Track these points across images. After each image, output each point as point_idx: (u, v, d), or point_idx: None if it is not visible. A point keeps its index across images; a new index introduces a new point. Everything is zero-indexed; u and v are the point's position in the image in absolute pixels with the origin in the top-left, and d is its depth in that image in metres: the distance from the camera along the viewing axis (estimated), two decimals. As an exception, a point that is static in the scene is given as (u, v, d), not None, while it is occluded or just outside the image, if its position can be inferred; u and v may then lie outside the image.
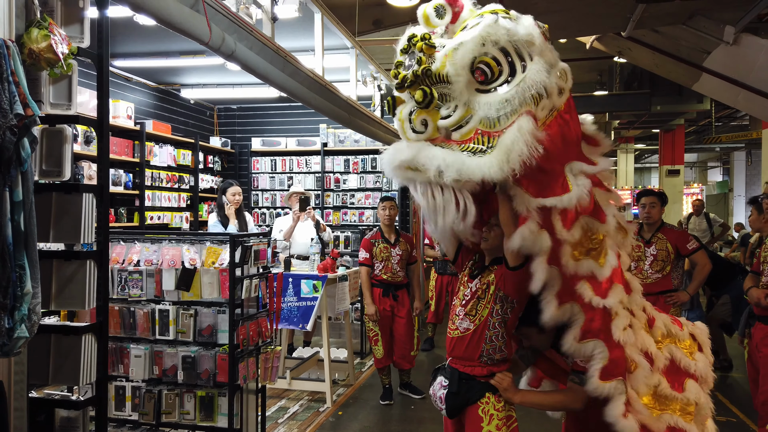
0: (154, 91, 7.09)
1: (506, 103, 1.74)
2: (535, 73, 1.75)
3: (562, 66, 1.83)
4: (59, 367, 2.13)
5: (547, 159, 1.76)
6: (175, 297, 3.51)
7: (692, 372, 2.09)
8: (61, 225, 2.09)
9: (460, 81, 1.76)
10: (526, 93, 1.73)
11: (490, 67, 1.76)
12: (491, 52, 1.76)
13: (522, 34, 1.75)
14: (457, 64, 1.75)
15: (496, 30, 1.75)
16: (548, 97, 1.76)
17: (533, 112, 1.73)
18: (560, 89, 1.80)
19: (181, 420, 3.51)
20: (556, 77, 1.79)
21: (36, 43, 1.72)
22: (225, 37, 2.85)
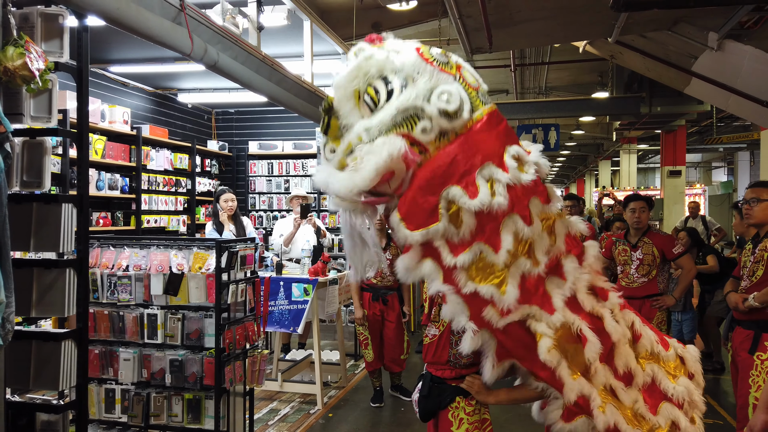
0: (151, 95, 7.17)
1: (375, 128, 1.73)
2: (403, 98, 1.75)
3: (444, 89, 1.77)
4: (40, 373, 2.20)
5: (426, 184, 1.74)
6: (163, 301, 3.58)
7: (669, 395, 2.00)
8: (42, 234, 2.15)
9: (346, 110, 1.80)
10: (396, 117, 1.73)
11: (370, 97, 1.79)
12: (372, 83, 1.79)
13: (398, 63, 1.78)
14: (340, 95, 1.81)
15: (368, 62, 1.79)
16: (428, 119, 1.73)
17: (410, 135, 1.72)
18: (445, 112, 1.74)
19: (170, 422, 3.57)
20: (436, 99, 1.75)
21: (11, 60, 1.79)
22: (207, 48, 2.91)
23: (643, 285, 4.35)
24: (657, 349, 2.08)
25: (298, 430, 4.34)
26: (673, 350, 2.14)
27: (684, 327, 5.67)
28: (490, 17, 3.94)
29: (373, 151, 1.69)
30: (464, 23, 4.14)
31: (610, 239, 4.68)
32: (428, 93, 1.75)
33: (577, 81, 13.09)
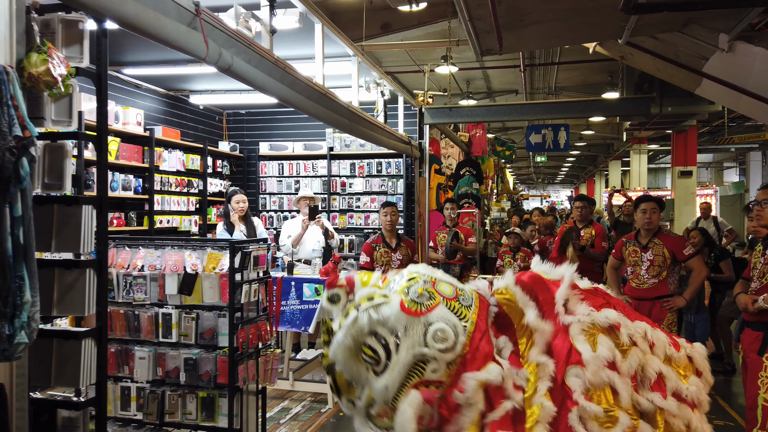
0: (164, 97, 7.25)
1: (386, 388, 1.91)
2: (404, 353, 1.91)
3: (437, 327, 1.95)
4: (61, 370, 2.25)
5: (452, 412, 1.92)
6: (177, 301, 3.63)
7: (683, 396, 2.10)
8: (62, 235, 2.20)
9: (349, 367, 1.98)
10: (402, 374, 1.91)
11: (369, 356, 1.96)
12: (366, 342, 1.96)
13: (384, 318, 1.95)
14: (338, 359, 1.99)
15: (356, 327, 1.96)
16: (434, 361, 1.91)
17: (423, 381, 1.92)
18: (444, 349, 1.92)
19: (184, 420, 3.63)
20: (433, 341, 1.92)
21: (35, 67, 1.84)
22: (222, 51, 2.96)
23: (654, 286, 4.35)
24: (670, 352, 2.19)
25: (309, 428, 4.39)
26: (683, 350, 2.23)
27: (696, 329, 5.65)
28: (500, 19, 3.96)
29: (401, 416, 1.87)
30: (474, 25, 4.17)
31: (621, 240, 4.68)
32: (423, 337, 1.92)
33: (587, 81, 13.04)
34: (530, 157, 21.63)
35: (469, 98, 13.49)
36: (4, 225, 1.67)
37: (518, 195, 22.53)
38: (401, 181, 7.79)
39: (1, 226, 1.66)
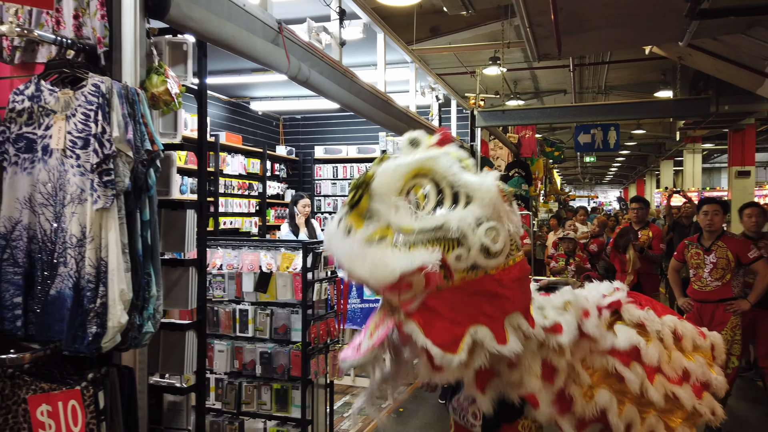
0: (227, 104, 7.59)
1: (414, 235, 1.63)
2: (451, 216, 1.66)
3: (494, 226, 1.68)
4: (168, 358, 2.49)
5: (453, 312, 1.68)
6: (253, 298, 3.87)
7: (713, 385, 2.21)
8: (169, 237, 2.44)
9: (383, 196, 1.67)
10: (436, 233, 1.64)
11: (417, 199, 1.70)
12: (424, 185, 1.70)
13: (464, 181, 1.68)
14: (384, 180, 1.68)
15: (431, 162, 1.69)
16: (465, 247, 1.65)
17: (442, 257, 1.63)
18: (486, 249, 1.66)
19: (259, 410, 3.86)
20: (482, 232, 1.66)
21: (156, 87, 2.07)
22: (301, 65, 3.17)
23: (717, 289, 4.33)
24: (699, 342, 2.30)
25: (371, 422, 4.57)
26: (708, 339, 2.37)
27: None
28: (560, 25, 4.04)
29: (404, 256, 1.59)
30: (534, 31, 4.26)
31: (683, 242, 4.68)
32: (476, 222, 1.66)
33: (639, 80, 12.79)
34: (578, 157, 21.32)
35: (516, 99, 13.45)
36: (135, 228, 1.90)
37: (565, 196, 22.23)
38: (453, 183, 7.90)
39: (134, 229, 1.89)
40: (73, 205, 1.81)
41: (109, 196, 1.78)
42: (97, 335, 1.77)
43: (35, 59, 2.08)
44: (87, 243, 1.78)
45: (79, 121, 1.81)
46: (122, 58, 1.99)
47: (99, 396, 1.83)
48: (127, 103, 1.85)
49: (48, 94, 1.86)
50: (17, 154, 1.89)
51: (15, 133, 1.89)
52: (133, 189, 1.87)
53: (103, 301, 1.77)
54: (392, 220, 1.65)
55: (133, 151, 1.84)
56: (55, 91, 1.86)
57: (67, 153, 1.82)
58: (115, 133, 1.78)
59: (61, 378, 1.87)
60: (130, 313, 1.86)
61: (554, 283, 5.88)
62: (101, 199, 1.77)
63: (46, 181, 1.86)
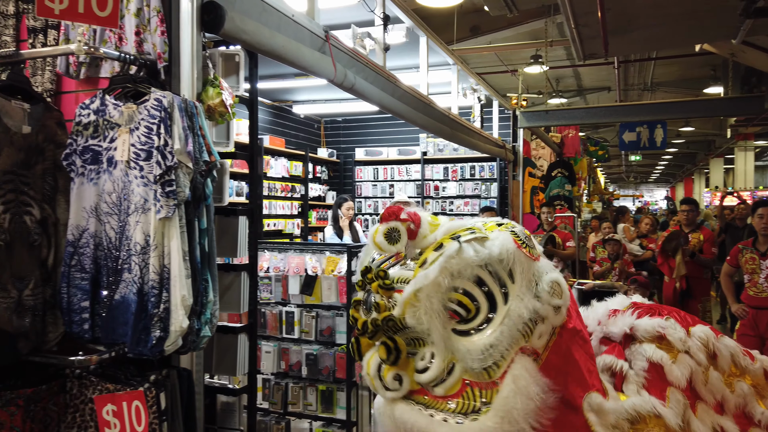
0: (270, 108, 7.74)
1: (491, 348, 1.41)
2: (518, 303, 1.44)
3: (552, 278, 1.51)
4: (221, 360, 2.57)
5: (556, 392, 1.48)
6: (299, 300, 3.95)
7: (756, 420, 1.80)
8: (223, 242, 2.52)
9: (422, 322, 1.43)
10: (513, 331, 1.42)
11: (463, 305, 1.45)
12: (461, 286, 1.44)
13: (495, 254, 1.45)
14: (425, 307, 1.42)
15: (459, 261, 1.43)
16: (544, 323, 1.47)
17: (529, 348, 1.45)
18: (556, 308, 1.49)
19: (305, 410, 3.93)
20: (547, 295, 1.48)
21: (212, 99, 2.14)
22: (347, 72, 3.21)
23: (774, 294, 4.18)
24: (744, 363, 1.90)
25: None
26: (759, 363, 1.94)
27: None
28: (607, 25, 3.98)
29: (513, 386, 1.39)
30: (580, 32, 4.20)
31: (737, 246, 4.53)
32: (534, 288, 1.47)
33: (687, 76, 12.38)
34: (622, 156, 20.80)
35: (559, 97, 13.22)
36: (194, 236, 1.98)
37: (609, 195, 21.73)
38: (495, 184, 7.85)
39: (193, 237, 1.97)
40: (137, 214, 1.90)
41: (171, 205, 1.86)
42: (160, 339, 1.84)
43: (99, 74, 2.19)
44: (150, 251, 1.87)
45: (143, 134, 1.89)
46: (181, 72, 2.07)
47: (161, 397, 1.91)
48: (187, 116, 1.92)
49: (112, 108, 1.96)
50: (84, 165, 1.99)
51: (81, 146, 1.99)
52: (192, 198, 1.95)
53: (166, 307, 1.85)
54: (452, 344, 1.43)
55: (193, 162, 1.91)
56: (119, 105, 1.95)
57: (131, 164, 1.91)
58: (177, 146, 1.86)
59: (125, 379, 1.96)
60: (189, 318, 1.93)
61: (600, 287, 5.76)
62: (164, 208, 1.85)
63: (111, 191, 1.95)
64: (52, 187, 2.03)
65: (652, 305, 1.99)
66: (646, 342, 1.81)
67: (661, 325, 1.82)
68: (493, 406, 1.38)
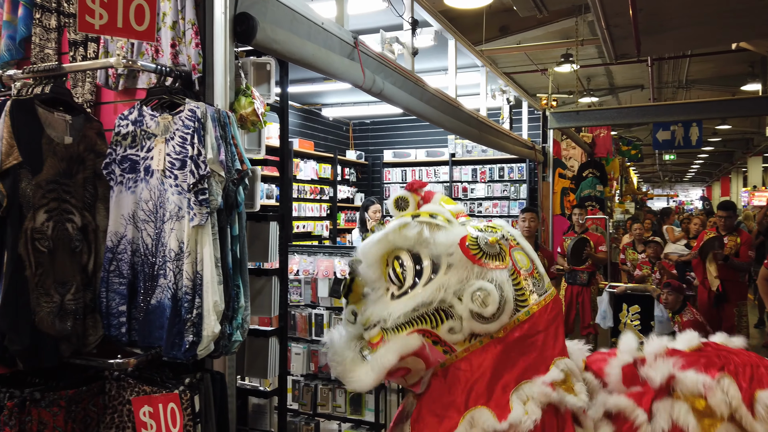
0: (299, 111, 7.83)
1: (389, 316, 1.61)
2: (432, 291, 1.58)
3: (479, 285, 1.57)
4: (252, 363, 2.63)
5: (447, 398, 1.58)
6: (328, 303, 3.99)
7: None
8: (254, 247, 2.57)
9: (371, 277, 1.71)
10: (410, 310, 1.59)
11: (395, 273, 1.66)
12: (400, 256, 1.66)
13: (441, 242, 1.61)
14: (366, 259, 1.71)
15: (400, 234, 1.65)
16: (457, 320, 1.56)
17: (433, 333, 1.58)
18: (477, 315, 1.56)
19: (334, 412, 3.97)
20: (468, 299, 1.56)
21: (244, 109, 2.19)
22: (375, 78, 3.24)
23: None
24: None
25: (443, 427, 4.58)
26: None
27: None
28: (639, 25, 3.91)
29: (386, 349, 1.57)
30: (611, 32, 4.15)
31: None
32: (461, 288, 1.57)
33: (723, 73, 12.04)
34: (656, 155, 20.36)
35: (590, 96, 13.01)
36: (226, 243, 2.03)
37: (642, 195, 21.28)
38: (524, 185, 7.78)
39: (225, 243, 2.02)
40: (172, 221, 1.96)
41: (204, 213, 1.91)
42: (193, 343, 1.90)
43: (136, 85, 2.26)
44: (184, 257, 1.92)
45: (177, 144, 1.95)
46: (214, 83, 2.13)
47: (195, 400, 1.96)
48: (220, 126, 1.97)
49: (149, 119, 2.02)
50: (122, 174, 2.06)
51: (120, 155, 2.06)
52: (224, 206, 1.99)
53: (198, 312, 1.90)
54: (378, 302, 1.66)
55: (225, 171, 1.96)
56: (155, 116, 2.01)
57: (167, 173, 1.97)
58: (209, 155, 1.91)
59: (161, 382, 2.02)
60: (221, 323, 1.98)
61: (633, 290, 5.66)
62: (197, 216, 1.90)
63: (148, 199, 2.01)
64: (92, 195, 2.10)
65: (724, 353, 1.72)
66: (683, 399, 1.61)
67: (707, 383, 1.60)
68: (371, 359, 1.61)
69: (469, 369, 1.58)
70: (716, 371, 1.62)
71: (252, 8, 2.25)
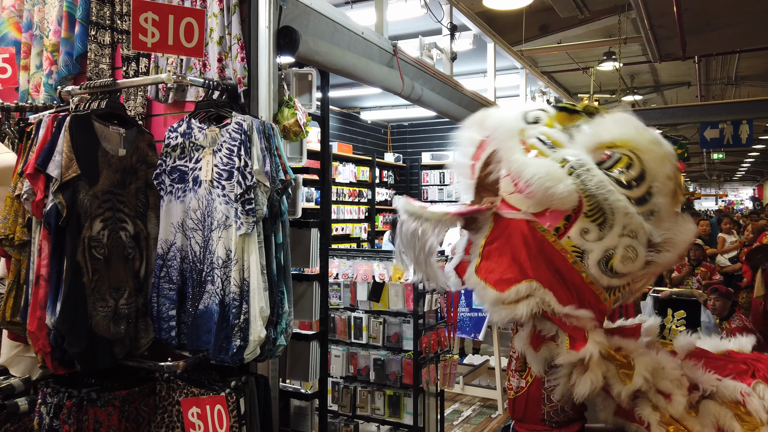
0: (339, 115, 7.92)
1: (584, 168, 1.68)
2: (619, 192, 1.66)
3: (635, 247, 1.66)
4: (294, 366, 2.69)
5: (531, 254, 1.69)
6: (367, 306, 4.04)
7: None
8: (296, 253, 2.63)
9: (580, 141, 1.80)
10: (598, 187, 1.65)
11: None
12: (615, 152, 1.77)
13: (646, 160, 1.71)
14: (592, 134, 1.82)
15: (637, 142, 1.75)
16: (603, 228, 1.65)
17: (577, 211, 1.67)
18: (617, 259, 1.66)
19: (373, 414, 4.02)
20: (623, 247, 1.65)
21: (287, 120, 2.26)
22: (414, 85, 3.27)
23: None
24: None
25: (480, 431, 4.58)
26: None
27: None
28: (685, 25, 3.82)
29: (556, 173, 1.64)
30: (655, 33, 4.06)
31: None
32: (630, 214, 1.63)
33: (765, 70, 11.58)
34: (703, 153, 19.69)
35: (633, 94, 12.69)
36: (271, 250, 2.09)
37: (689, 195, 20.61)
38: (564, 187, 7.66)
39: (269, 251, 2.08)
40: (220, 230, 2.03)
41: (250, 222, 1.97)
42: (240, 348, 1.97)
43: (185, 98, 2.35)
44: (232, 264, 1.99)
45: (224, 155, 2.02)
46: (258, 95, 2.20)
47: (240, 402, 2.03)
48: (264, 138, 2.03)
49: (198, 131, 2.10)
50: (172, 184, 2.15)
51: (170, 166, 2.15)
52: (269, 215, 2.06)
53: (246, 317, 1.97)
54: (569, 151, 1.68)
55: (270, 181, 2.02)
56: (203, 129, 2.09)
57: (214, 184, 2.05)
58: (255, 166, 1.98)
59: (209, 384, 2.10)
60: (266, 328, 2.04)
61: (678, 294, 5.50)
62: (244, 225, 1.97)
63: (196, 208, 2.09)
64: (143, 204, 2.20)
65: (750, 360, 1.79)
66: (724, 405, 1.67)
67: (744, 390, 1.66)
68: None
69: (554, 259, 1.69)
70: (748, 377, 1.68)
71: (295, 21, 2.31)
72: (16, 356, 2.25)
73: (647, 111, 7.72)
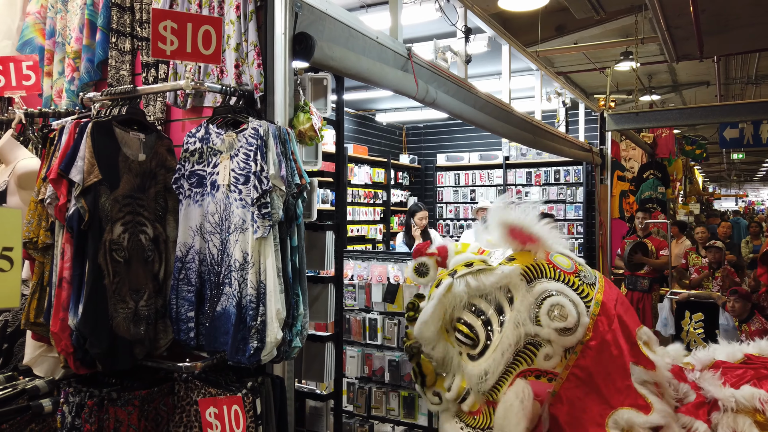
0: (354, 117, 7.96)
1: (486, 375, 1.58)
2: (512, 331, 1.57)
3: (552, 302, 1.57)
4: (309, 367, 2.72)
5: (570, 412, 1.55)
6: (382, 308, 4.06)
7: None
8: (311, 256, 2.67)
9: (435, 353, 1.69)
10: (505, 358, 1.57)
11: (464, 334, 1.64)
12: (461, 316, 1.65)
13: (488, 284, 1.61)
14: (425, 338, 1.69)
15: (451, 297, 1.64)
16: (548, 344, 1.57)
17: (532, 368, 1.57)
18: (563, 330, 1.56)
19: (388, 415, 4.04)
20: (547, 319, 1.57)
21: (302, 125, 2.29)
22: (428, 88, 3.28)
23: None
24: None
25: (497, 434, 4.57)
26: None
27: None
28: (702, 26, 3.79)
29: (506, 410, 1.51)
30: (672, 34, 4.03)
31: None
32: (534, 313, 1.57)
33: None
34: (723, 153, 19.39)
35: (651, 94, 12.56)
36: (286, 253, 2.13)
37: (708, 196, 20.33)
38: (581, 189, 7.62)
39: (285, 254, 2.12)
40: (237, 233, 2.07)
41: (266, 226, 2.01)
42: (257, 349, 2.00)
43: (203, 104, 2.39)
44: (248, 267, 2.03)
45: (241, 160, 2.06)
46: (275, 101, 2.23)
47: (257, 403, 2.07)
48: (280, 143, 2.07)
49: (215, 136, 2.14)
50: (190, 188, 2.19)
51: (188, 170, 2.19)
52: (285, 219, 2.09)
53: (263, 319, 2.00)
54: (462, 369, 1.63)
55: (286, 185, 2.05)
56: (221, 134, 2.13)
57: (231, 188, 2.08)
58: (271, 171, 2.01)
59: (226, 385, 2.13)
60: (282, 330, 2.08)
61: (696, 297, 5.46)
62: (260, 229, 2.00)
63: (214, 212, 2.14)
64: (162, 208, 2.25)
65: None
66: (742, 413, 1.65)
67: (762, 398, 1.65)
68: (494, 425, 1.56)
69: (585, 378, 1.57)
70: (766, 383, 1.68)
71: (310, 27, 2.34)
72: (40, 356, 2.31)
73: (665, 111, 7.63)
